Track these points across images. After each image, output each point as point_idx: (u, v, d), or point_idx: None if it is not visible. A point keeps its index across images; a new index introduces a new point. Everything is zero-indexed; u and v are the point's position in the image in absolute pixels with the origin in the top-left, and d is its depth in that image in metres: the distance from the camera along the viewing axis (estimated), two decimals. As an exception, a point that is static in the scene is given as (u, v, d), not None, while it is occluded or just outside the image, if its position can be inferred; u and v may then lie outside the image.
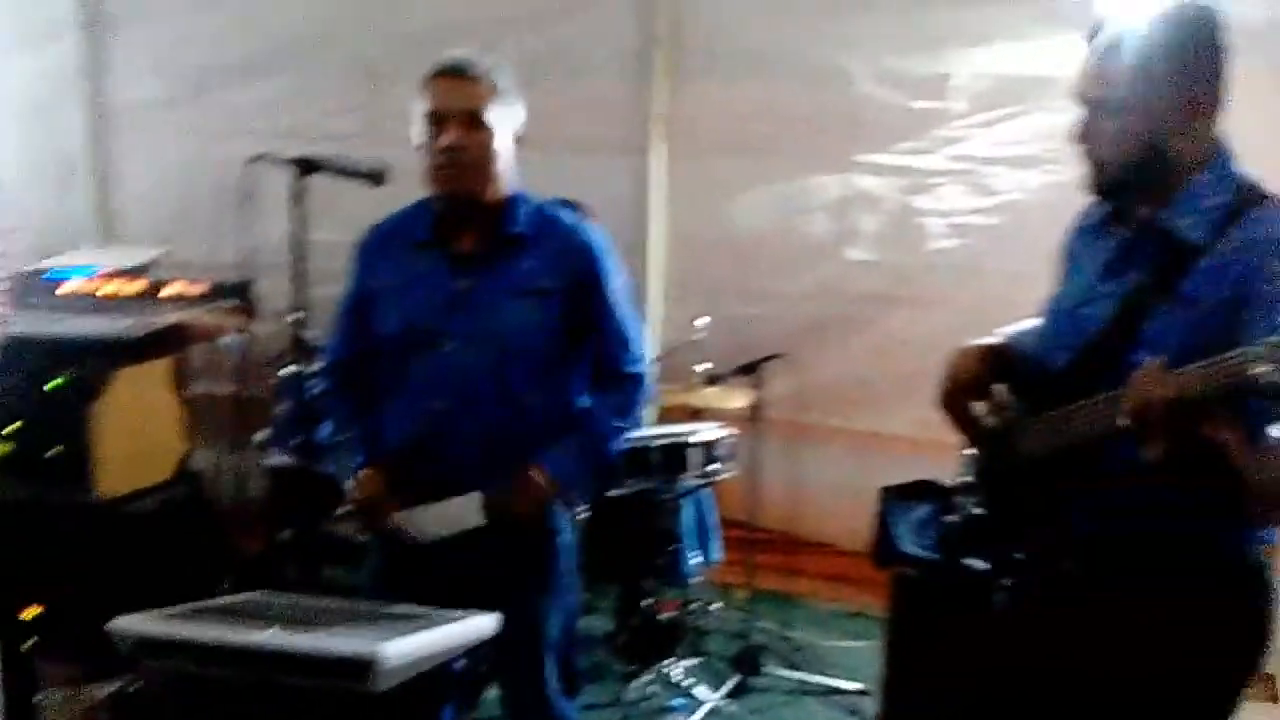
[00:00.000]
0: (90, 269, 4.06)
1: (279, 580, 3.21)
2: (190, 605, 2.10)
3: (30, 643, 1.88)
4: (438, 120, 2.28)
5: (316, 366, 2.62)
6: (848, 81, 4.52)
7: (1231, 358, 1.44)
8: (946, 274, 4.47)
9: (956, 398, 2.06)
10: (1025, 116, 4.35)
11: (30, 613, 2.64)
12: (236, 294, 3.83)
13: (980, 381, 2.05)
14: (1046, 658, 1.89)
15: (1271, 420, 1.55)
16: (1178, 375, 1.50)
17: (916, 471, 2.98)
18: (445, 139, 2.27)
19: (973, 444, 2.13)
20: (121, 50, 4.98)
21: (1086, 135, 1.84)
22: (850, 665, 3.87)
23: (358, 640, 1.87)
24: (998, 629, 2.01)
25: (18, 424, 3.42)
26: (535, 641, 2.45)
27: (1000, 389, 2.05)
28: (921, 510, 3.05)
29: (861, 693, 3.64)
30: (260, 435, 3.79)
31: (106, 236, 4.91)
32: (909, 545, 3.01)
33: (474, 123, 2.28)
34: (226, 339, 3.82)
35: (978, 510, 2.13)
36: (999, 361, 2.06)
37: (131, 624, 1.97)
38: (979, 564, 2.10)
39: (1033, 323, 2.10)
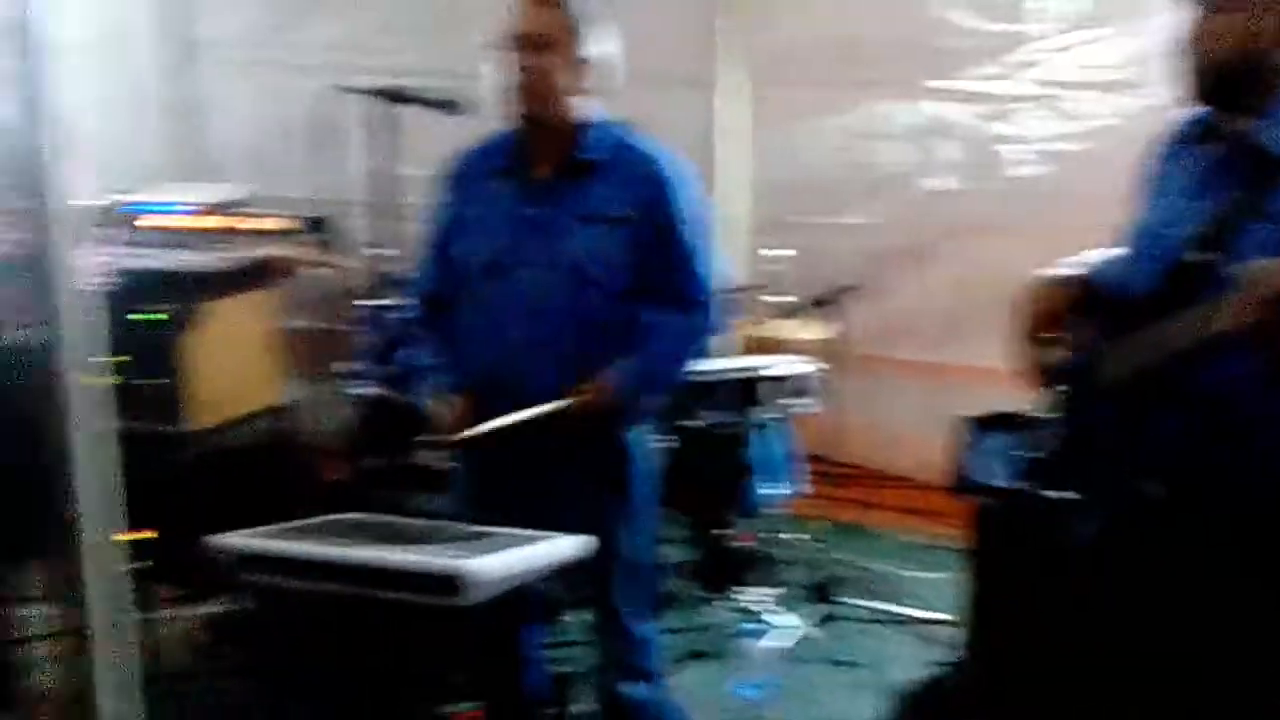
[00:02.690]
0: (177, 204, 4.14)
1: (366, 507, 3.29)
2: (287, 524, 2.18)
3: (143, 565, 1.97)
4: (516, 43, 2.30)
5: (399, 298, 2.67)
6: (921, 6, 4.43)
7: None
8: (1028, 202, 4.40)
9: (1037, 329, 2.04)
10: (1111, 39, 4.24)
11: (141, 537, 2.73)
12: (320, 228, 3.89)
13: (1061, 312, 2.03)
14: (1135, 587, 1.88)
15: None
16: None
17: (996, 403, 2.97)
18: (520, 61, 2.29)
19: (1055, 375, 2.11)
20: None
21: (1196, 36, 1.80)
22: (926, 596, 3.88)
23: (448, 557, 1.93)
24: (1083, 560, 2.00)
25: (114, 357, 3.53)
26: (616, 564, 2.50)
27: (1081, 321, 2.03)
28: (1002, 441, 3.05)
29: (938, 622, 3.65)
30: (346, 366, 3.86)
31: (191, 172, 5.00)
32: (989, 476, 3.00)
33: (549, 46, 2.30)
34: (312, 273, 3.88)
35: (1061, 440, 2.11)
36: (1079, 291, 2.04)
37: (232, 540, 2.05)
38: (1061, 494, 2.09)
39: (1111, 251, 2.06)
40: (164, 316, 3.62)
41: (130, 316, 3.52)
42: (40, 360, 1.26)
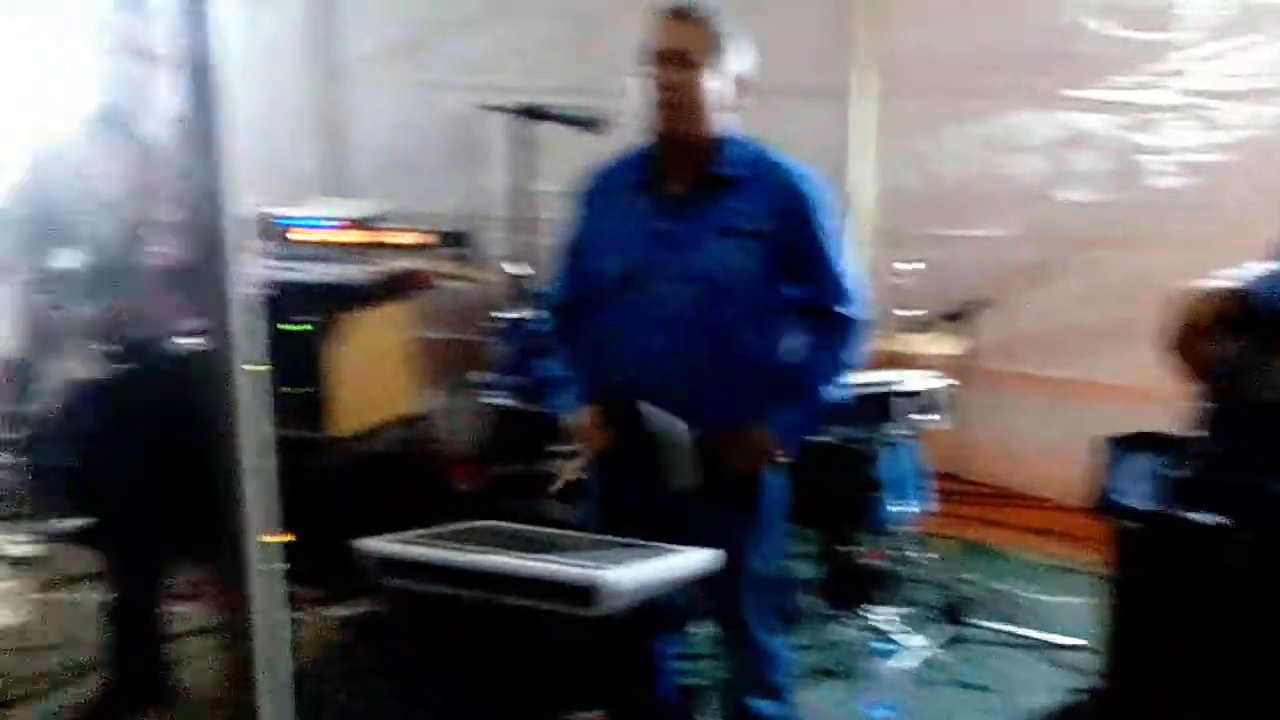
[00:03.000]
0: (321, 219, 4.30)
1: (499, 515, 3.37)
2: (426, 530, 2.24)
3: (283, 567, 2.06)
4: (657, 59, 2.33)
5: (534, 311, 2.72)
6: (1060, 14, 4.33)
7: None
8: (1169, 214, 4.25)
9: (1190, 343, 1.98)
10: (1260, 46, 4.08)
11: (281, 539, 2.85)
12: (459, 242, 3.99)
13: (1215, 326, 1.96)
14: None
15: None
16: None
17: (1134, 422, 2.87)
18: (661, 77, 2.32)
19: (1206, 391, 2.04)
20: (348, 6, 5.23)
21: None
22: (1059, 620, 3.77)
23: (583, 566, 1.96)
24: (1232, 586, 1.93)
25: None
26: (745, 578, 2.51)
27: (1234, 334, 1.96)
28: (1145, 461, 2.94)
29: (1072, 647, 3.55)
30: (481, 377, 3.95)
31: (335, 188, 5.17)
32: (1131, 497, 2.91)
33: (691, 64, 2.32)
34: (450, 285, 3.99)
35: (1209, 459, 2.04)
36: (1233, 304, 1.97)
37: (375, 545, 2.12)
38: (1209, 518, 2.02)
39: (1267, 264, 1.99)
40: (308, 327, 3.76)
41: (278, 326, 3.67)
42: (204, 366, 1.32)
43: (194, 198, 1.28)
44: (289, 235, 4.17)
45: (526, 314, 2.64)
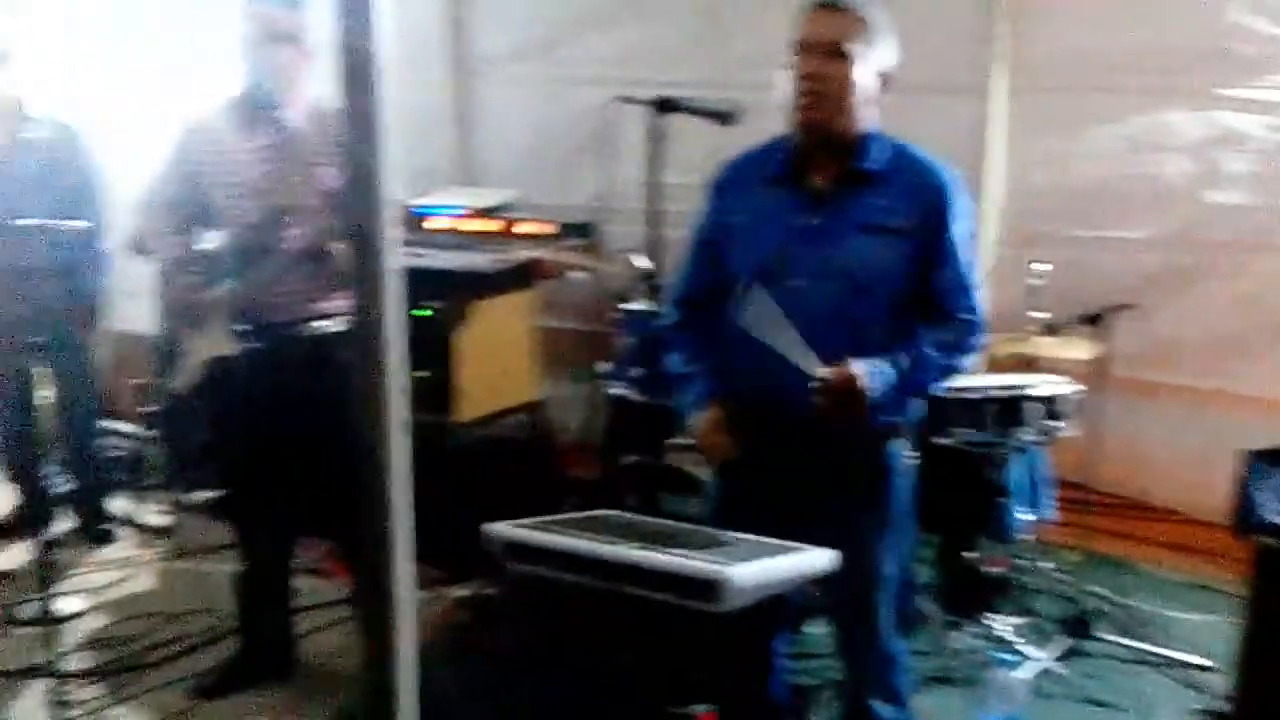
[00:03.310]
0: (452, 208, 4.38)
1: (617, 506, 3.38)
2: (551, 517, 2.25)
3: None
4: (803, 50, 2.30)
5: (660, 303, 2.71)
6: (1208, 10, 4.15)
7: None
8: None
9: None
10: None
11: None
12: (584, 234, 4.01)
13: None
14: None
15: None
16: None
17: (1275, 435, 2.74)
18: (808, 67, 2.29)
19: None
20: (481, 5, 5.31)
21: None
22: (1191, 639, 3.62)
23: (707, 561, 1.94)
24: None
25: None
26: (871, 579, 2.47)
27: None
28: (1292, 477, 2.81)
29: (1203, 667, 3.41)
30: (603, 367, 3.97)
31: (468, 180, 5.24)
32: (1276, 514, 2.78)
33: (836, 55, 2.28)
34: (575, 276, 4.02)
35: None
36: None
37: (503, 530, 2.14)
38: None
39: None
40: (429, 312, 3.83)
41: (408, 311, 3.75)
42: (344, 347, 1.34)
43: (350, 181, 1.29)
44: (422, 224, 4.25)
45: (651, 306, 2.63)
